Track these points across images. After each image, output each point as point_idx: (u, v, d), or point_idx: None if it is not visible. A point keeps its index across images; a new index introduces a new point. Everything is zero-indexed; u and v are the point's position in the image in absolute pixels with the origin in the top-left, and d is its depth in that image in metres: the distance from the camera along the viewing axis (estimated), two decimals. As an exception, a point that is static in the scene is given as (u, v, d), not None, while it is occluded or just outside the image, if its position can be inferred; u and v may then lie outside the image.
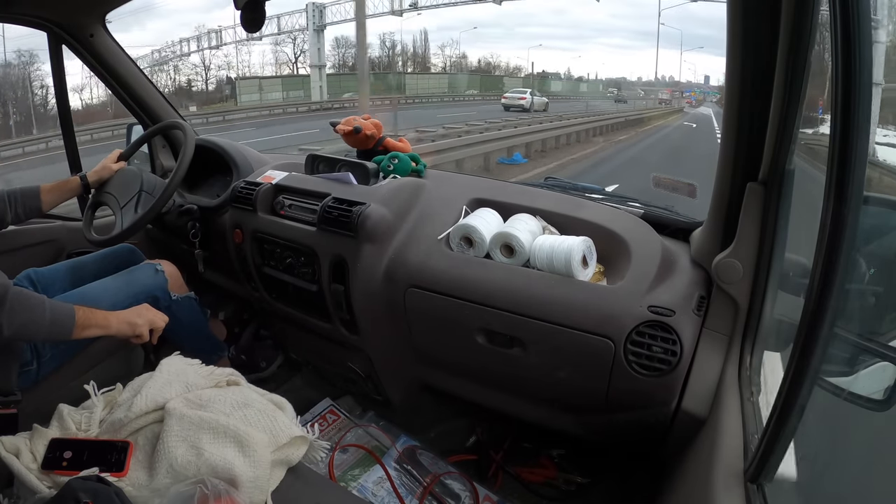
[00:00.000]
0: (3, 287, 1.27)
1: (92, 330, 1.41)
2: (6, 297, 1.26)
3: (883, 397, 0.87)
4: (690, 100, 37.28)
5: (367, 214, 1.59)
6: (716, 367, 1.27)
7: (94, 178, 1.88)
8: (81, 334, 1.39)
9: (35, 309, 1.31)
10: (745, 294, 1.27)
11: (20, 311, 1.28)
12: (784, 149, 1.10)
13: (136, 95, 2.28)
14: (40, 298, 1.35)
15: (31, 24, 2.00)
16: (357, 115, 2.03)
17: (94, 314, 1.42)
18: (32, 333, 1.36)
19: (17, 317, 1.27)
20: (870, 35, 0.62)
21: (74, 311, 1.38)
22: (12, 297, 1.27)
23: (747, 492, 0.87)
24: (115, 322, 1.45)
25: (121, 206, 1.87)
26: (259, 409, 1.20)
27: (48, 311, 1.33)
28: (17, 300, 1.28)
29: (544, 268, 1.44)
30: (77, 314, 1.37)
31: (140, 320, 1.49)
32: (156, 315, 1.54)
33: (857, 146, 0.63)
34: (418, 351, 1.70)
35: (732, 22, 1.05)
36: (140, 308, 1.54)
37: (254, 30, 1.52)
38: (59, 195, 1.83)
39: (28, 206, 1.73)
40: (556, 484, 1.82)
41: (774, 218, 1.17)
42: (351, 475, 1.76)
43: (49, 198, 1.78)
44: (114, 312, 1.47)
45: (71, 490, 0.96)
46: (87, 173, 1.89)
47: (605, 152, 15.53)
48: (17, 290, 1.29)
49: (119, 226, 1.85)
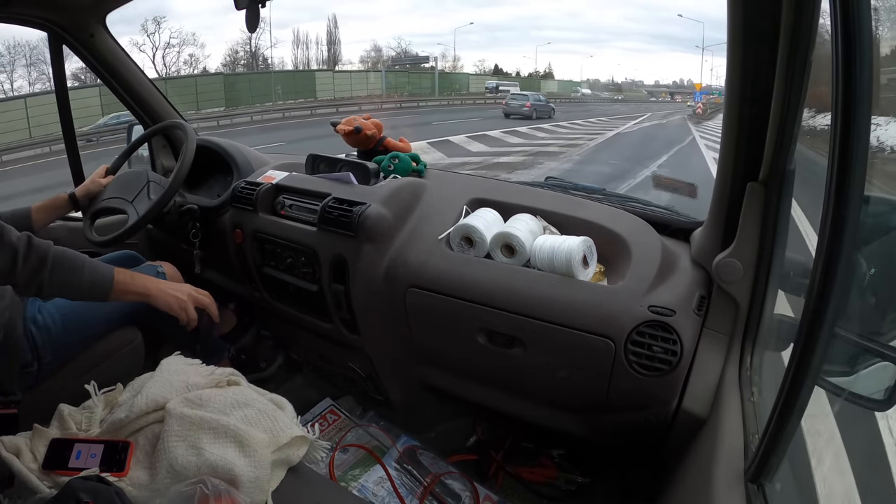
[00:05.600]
0: (45, 247, 1.32)
1: (129, 296, 1.46)
2: (48, 257, 1.31)
3: (883, 397, 0.87)
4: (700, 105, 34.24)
5: (368, 214, 1.59)
6: (716, 367, 1.27)
7: (83, 193, 1.90)
8: (119, 298, 1.44)
9: (75, 271, 1.36)
10: (746, 294, 1.27)
11: (60, 271, 1.33)
12: (784, 148, 1.11)
13: (137, 95, 2.28)
14: (81, 259, 1.39)
15: (32, 24, 2.00)
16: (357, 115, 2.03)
17: (133, 280, 1.46)
18: (70, 294, 1.41)
19: (58, 277, 1.33)
20: (870, 34, 0.62)
21: (114, 273, 1.41)
22: (53, 258, 1.32)
23: (748, 492, 0.87)
24: (154, 290, 1.48)
25: (130, 200, 1.89)
26: (259, 409, 1.20)
27: (87, 273, 1.37)
28: (59, 261, 1.33)
29: (545, 268, 1.44)
30: (116, 277, 1.41)
31: (182, 295, 1.51)
32: (198, 292, 1.56)
33: (858, 146, 0.63)
34: (419, 351, 1.70)
35: (733, 21, 1.05)
36: (179, 284, 1.57)
37: (253, 29, 1.53)
38: (50, 213, 1.86)
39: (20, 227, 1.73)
40: (556, 484, 1.82)
41: (775, 217, 1.17)
42: (351, 475, 1.76)
43: (39, 216, 1.81)
44: (153, 280, 1.51)
45: (71, 490, 0.96)
46: (76, 190, 1.90)
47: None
48: (58, 251, 1.35)
49: (135, 215, 1.87)
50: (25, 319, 1.48)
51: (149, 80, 2.31)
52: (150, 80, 2.32)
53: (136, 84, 2.27)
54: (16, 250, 1.29)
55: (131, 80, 2.25)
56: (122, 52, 2.20)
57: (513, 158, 14.32)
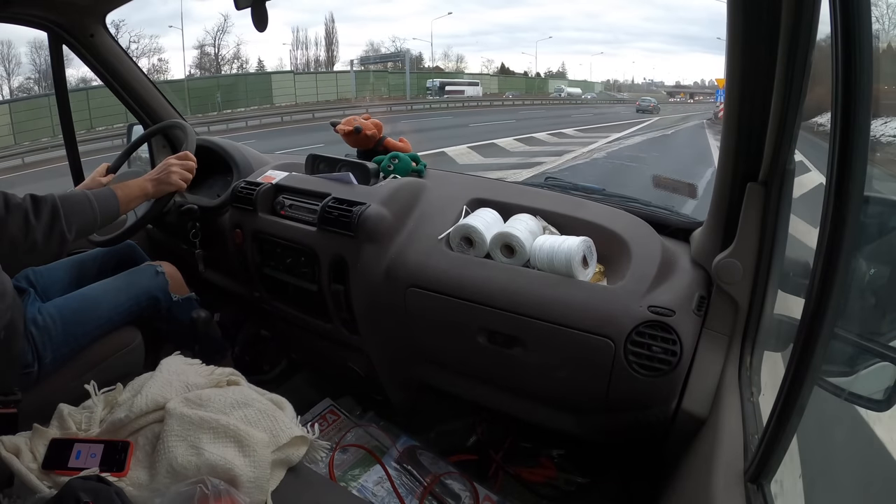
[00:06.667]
0: (51, 198, 1.37)
1: (134, 202, 1.61)
2: (57, 206, 1.36)
3: (883, 397, 0.87)
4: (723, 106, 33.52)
5: (368, 214, 1.59)
6: (716, 367, 1.27)
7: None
8: (126, 209, 1.59)
9: (85, 207, 1.44)
10: (746, 294, 1.27)
11: (74, 215, 1.39)
12: (784, 148, 1.11)
13: (137, 95, 2.28)
14: (82, 194, 1.46)
15: (32, 24, 2.00)
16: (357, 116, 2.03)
17: (129, 188, 1.59)
18: (90, 228, 1.50)
19: (75, 220, 1.39)
20: (870, 34, 0.62)
21: (114, 192, 1.52)
22: (63, 205, 1.37)
23: (747, 492, 0.87)
24: (151, 188, 1.65)
25: None
26: (259, 409, 1.20)
27: (94, 203, 1.46)
28: (68, 205, 1.39)
29: (545, 268, 1.44)
30: (117, 193, 1.52)
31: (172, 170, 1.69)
32: (178, 157, 1.74)
33: (858, 146, 0.64)
34: (418, 351, 1.70)
35: (732, 21, 1.05)
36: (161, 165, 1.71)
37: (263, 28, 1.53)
38: None
39: None
40: (556, 484, 1.82)
41: (774, 218, 1.17)
42: (351, 475, 1.76)
43: None
44: (143, 180, 1.65)
45: (71, 490, 0.96)
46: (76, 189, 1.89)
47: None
48: (61, 197, 1.40)
49: (134, 215, 1.89)
50: (26, 320, 1.48)
51: (149, 80, 2.31)
52: (150, 80, 2.32)
53: (136, 84, 2.27)
54: (25, 210, 1.33)
55: (131, 80, 2.25)
56: (122, 52, 2.20)
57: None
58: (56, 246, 1.37)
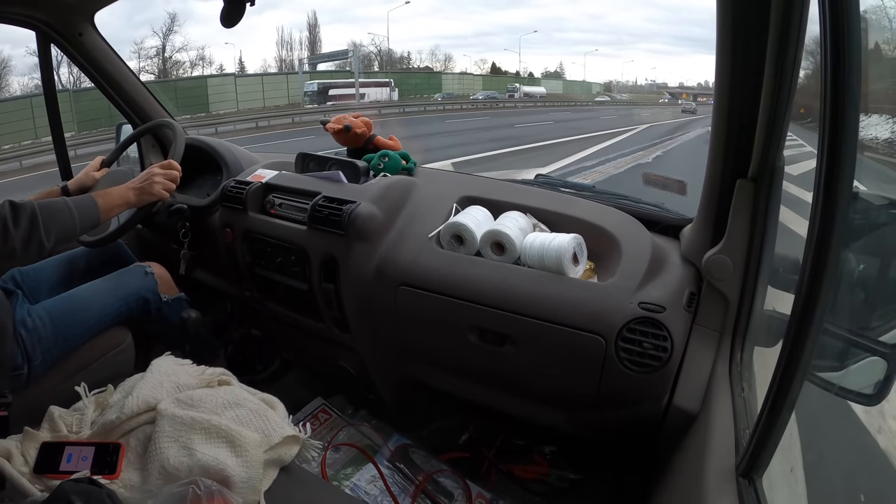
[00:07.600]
0: (29, 206, 1.34)
1: (115, 210, 1.57)
2: (36, 214, 1.34)
3: (873, 392, 0.87)
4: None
5: (358, 213, 1.59)
6: (707, 363, 1.28)
7: (76, 186, 1.87)
8: (107, 217, 1.55)
9: (64, 215, 1.41)
10: (736, 290, 1.28)
11: (53, 223, 1.37)
12: (773, 145, 1.11)
13: (126, 94, 2.27)
14: (62, 202, 1.43)
15: (20, 23, 1.98)
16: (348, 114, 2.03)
17: (110, 196, 1.55)
18: (70, 236, 1.46)
19: (54, 228, 1.37)
20: (859, 32, 0.63)
21: (95, 200, 1.49)
22: (42, 213, 1.35)
23: (739, 486, 0.87)
24: (133, 196, 1.61)
25: None
26: (251, 409, 1.20)
27: (75, 212, 1.43)
28: (47, 213, 1.37)
29: (535, 265, 1.44)
30: (98, 202, 1.49)
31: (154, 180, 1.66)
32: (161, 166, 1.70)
33: (846, 143, 0.64)
34: (410, 349, 1.70)
35: (722, 19, 1.05)
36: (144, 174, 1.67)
37: (229, 25, 1.51)
38: None
39: None
40: (548, 480, 1.82)
41: (764, 214, 1.18)
42: (343, 474, 1.76)
43: None
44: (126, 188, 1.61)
45: (63, 493, 0.96)
46: (68, 182, 1.88)
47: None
48: (40, 204, 1.37)
49: (115, 221, 1.86)
50: (15, 322, 1.47)
51: (138, 80, 2.30)
52: (139, 80, 2.31)
53: (125, 83, 2.25)
54: (4, 217, 1.30)
55: (120, 79, 2.23)
56: (111, 51, 2.19)
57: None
58: (34, 254, 1.36)
